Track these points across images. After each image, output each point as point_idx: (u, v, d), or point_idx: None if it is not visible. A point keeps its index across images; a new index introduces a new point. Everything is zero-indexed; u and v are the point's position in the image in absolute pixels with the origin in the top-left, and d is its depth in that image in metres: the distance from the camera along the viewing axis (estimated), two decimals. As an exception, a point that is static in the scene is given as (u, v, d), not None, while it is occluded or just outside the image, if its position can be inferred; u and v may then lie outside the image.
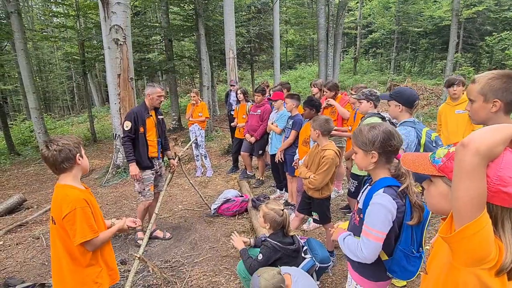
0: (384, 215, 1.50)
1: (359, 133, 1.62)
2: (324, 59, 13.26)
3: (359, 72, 21.27)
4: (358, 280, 1.75)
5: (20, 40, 8.94)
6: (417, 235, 1.56)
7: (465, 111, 3.51)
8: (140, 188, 3.77)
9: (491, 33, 15.15)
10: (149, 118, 3.76)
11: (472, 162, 0.78)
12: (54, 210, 1.79)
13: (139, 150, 3.68)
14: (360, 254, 1.55)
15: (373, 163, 1.58)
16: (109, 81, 6.15)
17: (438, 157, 1.04)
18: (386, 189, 1.54)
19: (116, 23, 5.77)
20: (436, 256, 1.09)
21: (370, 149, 1.56)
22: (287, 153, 4.40)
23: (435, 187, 1.08)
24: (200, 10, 10.60)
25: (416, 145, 2.48)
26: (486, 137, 0.79)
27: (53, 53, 25.62)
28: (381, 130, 1.55)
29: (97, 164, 8.14)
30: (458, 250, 0.86)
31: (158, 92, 3.75)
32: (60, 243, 1.81)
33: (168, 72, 12.11)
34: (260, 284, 2.06)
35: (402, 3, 18.38)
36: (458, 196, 0.82)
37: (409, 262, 1.56)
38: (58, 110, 28.32)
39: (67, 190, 1.79)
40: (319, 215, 3.12)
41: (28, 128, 13.73)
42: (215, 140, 9.96)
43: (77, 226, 1.75)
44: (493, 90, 1.49)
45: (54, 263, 1.88)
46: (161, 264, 3.43)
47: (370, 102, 3.25)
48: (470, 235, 0.80)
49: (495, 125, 0.83)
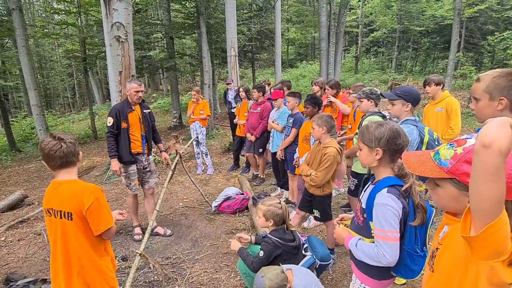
0: (392, 214, 1.51)
1: (366, 129, 1.63)
2: (326, 58, 13.24)
3: (360, 71, 21.21)
4: (362, 279, 1.75)
5: (21, 37, 8.93)
6: (420, 234, 1.56)
7: (443, 109, 3.75)
8: (126, 182, 3.89)
9: (493, 32, 15.08)
10: (131, 113, 3.76)
11: (497, 163, 0.76)
12: (70, 205, 1.78)
13: (121, 145, 3.73)
14: (384, 260, 1.53)
15: (377, 160, 1.59)
16: (110, 78, 6.14)
17: (445, 159, 1.02)
18: (390, 188, 1.54)
19: (117, 20, 5.76)
20: (445, 254, 1.09)
21: (376, 146, 1.57)
22: (288, 151, 4.40)
23: (443, 190, 1.06)
24: (202, 8, 10.58)
25: (418, 143, 2.49)
26: (504, 135, 0.76)
27: (54, 50, 25.64)
28: (388, 127, 1.56)
29: (98, 161, 8.15)
30: (480, 246, 0.86)
31: (134, 87, 3.73)
32: (83, 237, 1.83)
33: (169, 69, 12.09)
34: (265, 284, 2.07)
35: (404, 2, 18.31)
36: (483, 198, 0.80)
37: (413, 261, 1.57)
38: (59, 107, 28.36)
39: (81, 183, 1.84)
40: (320, 213, 3.14)
41: (29, 125, 13.75)
42: (216, 138, 9.97)
43: (102, 215, 1.81)
44: (498, 88, 1.48)
45: (68, 258, 1.85)
46: (162, 261, 3.45)
47: (370, 101, 3.25)
48: (493, 232, 0.81)
49: (499, 119, 0.79)
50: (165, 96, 21.74)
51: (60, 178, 1.84)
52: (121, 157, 3.75)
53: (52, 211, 1.83)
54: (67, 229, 1.81)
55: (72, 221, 1.79)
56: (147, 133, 3.92)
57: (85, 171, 7.43)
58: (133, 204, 4.04)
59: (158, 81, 25.06)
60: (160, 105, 18.06)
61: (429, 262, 1.19)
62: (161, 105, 18.02)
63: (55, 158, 1.77)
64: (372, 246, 1.59)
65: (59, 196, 1.81)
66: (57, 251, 1.86)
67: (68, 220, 1.79)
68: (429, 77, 4.01)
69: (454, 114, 3.72)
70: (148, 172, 4.05)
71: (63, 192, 1.80)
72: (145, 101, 4.01)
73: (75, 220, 1.79)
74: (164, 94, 22.71)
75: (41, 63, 25.19)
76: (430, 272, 1.17)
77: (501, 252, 0.85)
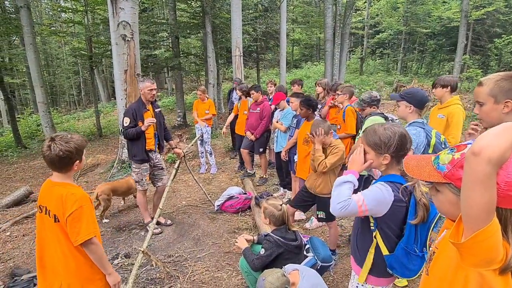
0: (377, 195, 1.51)
1: (373, 133, 1.59)
2: (331, 59, 13.22)
3: (365, 72, 21.15)
4: (355, 269, 1.77)
5: (29, 35, 9.02)
6: (421, 234, 1.55)
7: (444, 117, 3.32)
8: (138, 178, 3.97)
9: (500, 35, 14.95)
10: (146, 113, 3.88)
11: (486, 172, 0.75)
12: (56, 208, 1.74)
13: (137, 144, 3.83)
14: (334, 203, 1.53)
15: (384, 165, 1.58)
16: (116, 77, 6.19)
17: (443, 163, 1.02)
18: (390, 182, 1.55)
19: (124, 19, 5.81)
20: (440, 258, 1.10)
21: (384, 152, 1.55)
22: (292, 152, 4.41)
23: (442, 195, 1.07)
24: (207, 8, 10.61)
25: (425, 146, 2.49)
26: (497, 144, 0.75)
27: (60, 48, 25.85)
28: (398, 134, 1.53)
29: (102, 159, 8.21)
30: (468, 254, 0.86)
31: (148, 86, 3.84)
32: (67, 240, 1.77)
33: (174, 69, 12.14)
34: (266, 287, 2.07)
35: (411, 4, 18.22)
36: (471, 205, 0.80)
37: (410, 261, 1.56)
38: (65, 104, 28.55)
39: (70, 188, 1.77)
40: (326, 213, 3.11)
41: (35, 122, 13.86)
42: (220, 137, 9.99)
43: (82, 223, 1.72)
44: (503, 91, 1.48)
45: (55, 260, 1.80)
46: (164, 259, 3.47)
47: (374, 108, 3.31)
48: (481, 241, 0.80)
49: (502, 125, 0.79)
50: (169, 95, 21.83)
51: (53, 179, 1.81)
52: (136, 155, 3.87)
53: (43, 208, 1.80)
54: (55, 230, 1.77)
55: (58, 223, 1.75)
56: (158, 131, 4.02)
57: (89, 169, 7.49)
58: (143, 200, 4.11)
59: (163, 80, 25.15)
60: (164, 104, 18.13)
61: (426, 265, 1.20)
62: (166, 104, 18.09)
63: (46, 160, 1.74)
64: (348, 195, 1.54)
65: (50, 196, 1.77)
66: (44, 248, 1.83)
67: (55, 222, 1.75)
68: (438, 78, 3.59)
69: (454, 125, 3.29)
70: (161, 169, 4.16)
71: (54, 193, 1.76)
72: (155, 100, 4.10)
73: (60, 223, 1.75)
74: (169, 93, 22.81)
75: (47, 61, 25.39)
76: (426, 275, 1.18)
77: (490, 261, 0.85)
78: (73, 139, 1.76)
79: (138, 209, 4.66)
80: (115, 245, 3.83)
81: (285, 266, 2.32)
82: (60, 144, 1.70)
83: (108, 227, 4.30)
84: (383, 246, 1.61)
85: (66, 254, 1.78)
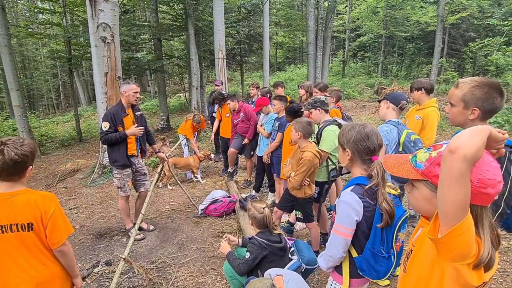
0: (347, 212, 1.57)
1: (342, 130, 1.75)
2: (313, 62, 13.39)
3: (347, 75, 21.52)
4: (333, 276, 1.79)
5: (3, 36, 8.70)
6: (388, 236, 1.58)
7: (420, 119, 3.45)
8: (120, 184, 3.87)
9: (475, 39, 15.53)
10: (126, 117, 3.78)
11: (461, 169, 0.80)
12: (32, 215, 1.63)
13: (118, 149, 3.73)
14: (327, 250, 1.67)
15: (348, 159, 1.68)
16: (96, 79, 6.05)
17: (420, 161, 1.07)
18: (355, 187, 1.60)
19: (103, 21, 5.69)
20: (417, 256, 1.13)
21: (345, 147, 1.68)
22: (274, 154, 4.42)
23: (418, 192, 1.12)
24: (190, 10, 10.55)
25: (396, 143, 2.69)
26: (471, 143, 0.80)
27: (38, 50, 25.00)
28: (356, 131, 1.65)
29: (82, 164, 7.99)
30: (444, 249, 0.90)
31: (134, 88, 3.75)
32: (43, 246, 1.70)
33: (157, 71, 11.98)
34: None
35: (390, 8, 18.69)
36: (447, 201, 0.84)
37: (377, 262, 1.58)
38: (43, 108, 27.66)
39: (36, 192, 1.72)
40: (303, 214, 3.22)
41: (12, 127, 13.33)
42: (204, 140, 9.91)
43: (61, 222, 1.72)
44: (474, 99, 1.55)
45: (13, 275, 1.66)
46: (147, 265, 3.41)
47: (318, 110, 3.29)
48: (457, 236, 0.85)
49: (474, 128, 0.85)
50: (152, 98, 21.51)
51: (14, 189, 1.65)
52: (117, 161, 3.76)
53: (4, 227, 1.62)
54: (30, 241, 1.66)
55: (33, 232, 1.65)
56: (141, 135, 3.92)
57: (69, 174, 7.27)
58: (126, 206, 4.02)
59: (146, 82, 24.77)
60: (147, 107, 17.84)
61: (403, 263, 1.23)
62: (149, 107, 17.81)
63: (11, 166, 1.60)
64: None
65: (13, 209, 1.62)
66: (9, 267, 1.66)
67: (27, 231, 1.64)
68: (413, 82, 3.70)
69: (429, 127, 3.42)
70: (143, 174, 4.07)
71: (17, 203, 1.63)
72: (136, 103, 4.01)
73: (36, 230, 1.65)
74: (152, 96, 22.48)
75: (24, 63, 24.54)
76: (403, 272, 1.21)
77: (465, 255, 0.89)
78: (26, 142, 1.67)
79: (119, 215, 4.56)
80: (95, 252, 3.73)
81: (269, 271, 2.31)
82: (15, 147, 1.60)
83: (88, 234, 4.19)
84: (352, 249, 1.65)
85: (35, 265, 1.69)
